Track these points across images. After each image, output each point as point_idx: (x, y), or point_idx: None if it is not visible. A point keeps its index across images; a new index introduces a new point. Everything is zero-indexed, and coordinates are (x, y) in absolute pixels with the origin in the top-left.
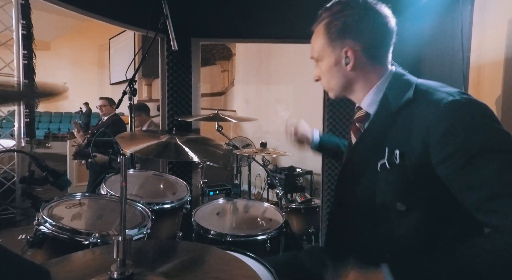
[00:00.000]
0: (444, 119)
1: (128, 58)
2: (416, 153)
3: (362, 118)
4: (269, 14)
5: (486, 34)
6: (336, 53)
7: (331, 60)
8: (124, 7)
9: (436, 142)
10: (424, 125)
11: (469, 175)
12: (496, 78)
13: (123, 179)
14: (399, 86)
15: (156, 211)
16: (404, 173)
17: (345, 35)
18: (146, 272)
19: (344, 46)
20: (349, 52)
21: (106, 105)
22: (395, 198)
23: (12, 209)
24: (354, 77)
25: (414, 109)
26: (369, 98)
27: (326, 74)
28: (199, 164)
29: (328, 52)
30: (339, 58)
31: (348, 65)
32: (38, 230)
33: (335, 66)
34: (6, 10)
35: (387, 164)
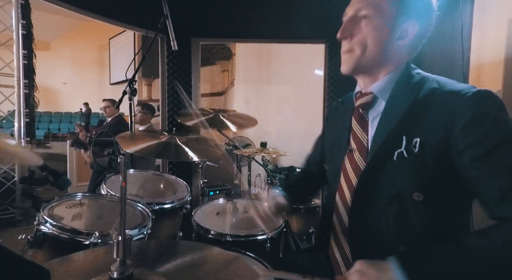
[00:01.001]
0: (470, 108)
1: (128, 58)
2: (436, 142)
3: (367, 104)
4: (269, 14)
5: (486, 34)
6: (399, 21)
7: (389, 23)
8: (124, 7)
9: (461, 130)
10: (447, 114)
11: (491, 164)
12: (496, 78)
13: (123, 179)
14: (416, 76)
15: (156, 211)
16: (422, 162)
17: (416, 9)
18: (146, 272)
19: (409, 19)
20: (411, 28)
21: (110, 106)
22: (412, 188)
23: (12, 209)
24: (394, 54)
25: (436, 98)
26: (384, 82)
27: (370, 35)
28: (199, 164)
29: (392, 14)
30: (397, 27)
31: (401, 40)
32: (38, 230)
33: (388, 33)
34: (6, 10)
35: (405, 153)
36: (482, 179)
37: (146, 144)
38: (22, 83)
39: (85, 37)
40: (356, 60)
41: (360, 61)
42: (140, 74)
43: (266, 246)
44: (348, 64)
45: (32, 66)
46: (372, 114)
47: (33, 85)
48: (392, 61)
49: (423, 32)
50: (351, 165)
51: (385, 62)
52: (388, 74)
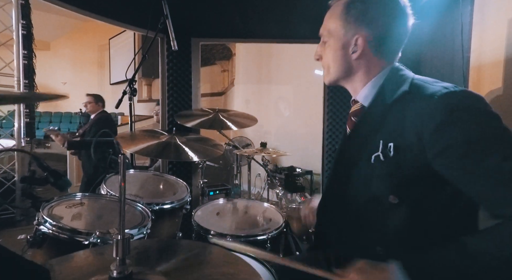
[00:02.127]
0: (438, 111)
1: (128, 58)
2: (410, 146)
3: (358, 112)
4: (269, 14)
5: (486, 34)
6: (347, 37)
7: (339, 43)
8: (124, 7)
9: (431, 135)
10: (418, 118)
11: (472, 165)
12: (496, 78)
13: (122, 179)
14: (396, 79)
15: (156, 211)
16: (397, 166)
17: (363, 22)
18: (146, 271)
19: (357, 32)
20: (359, 40)
21: (91, 102)
22: (388, 191)
23: (12, 209)
24: (356, 67)
25: (409, 102)
26: (366, 91)
27: (329, 56)
28: (199, 164)
29: (339, 34)
30: (347, 43)
31: (354, 53)
32: (38, 230)
33: (340, 50)
34: (6, 10)
35: (381, 157)
36: (465, 180)
37: (146, 144)
38: (22, 83)
39: (85, 37)
40: (327, 76)
41: (331, 78)
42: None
43: (266, 246)
44: (324, 78)
45: (32, 66)
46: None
47: (33, 85)
48: (361, 72)
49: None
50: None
51: (353, 75)
52: (369, 83)
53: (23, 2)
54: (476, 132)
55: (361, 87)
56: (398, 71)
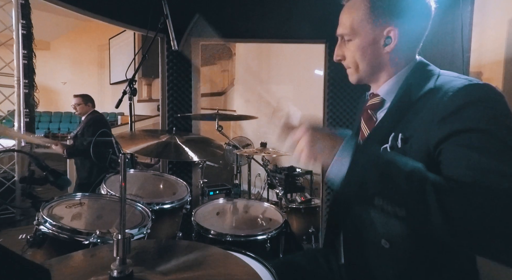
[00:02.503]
0: (451, 102)
1: (128, 58)
2: (418, 136)
3: (376, 105)
4: (269, 14)
5: (486, 34)
6: (377, 31)
7: (369, 38)
8: (124, 7)
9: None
10: (432, 109)
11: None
12: (496, 78)
13: (122, 179)
14: (422, 75)
15: (156, 211)
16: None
17: (391, 14)
18: (146, 271)
19: (387, 25)
20: (392, 33)
21: (80, 103)
22: None
23: (12, 209)
24: (386, 61)
25: (432, 97)
26: (389, 85)
27: (357, 54)
28: (199, 164)
29: (367, 29)
30: (378, 38)
31: (387, 46)
32: (38, 229)
33: (371, 46)
34: (6, 10)
35: (388, 149)
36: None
37: (146, 144)
38: (22, 83)
39: (85, 37)
40: (355, 75)
41: (359, 75)
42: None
43: (266, 246)
44: (351, 78)
45: (32, 66)
46: (380, 115)
47: (33, 85)
48: (389, 66)
49: (411, 29)
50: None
51: (382, 69)
52: (393, 77)
53: (23, 2)
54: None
55: (384, 81)
56: (425, 66)
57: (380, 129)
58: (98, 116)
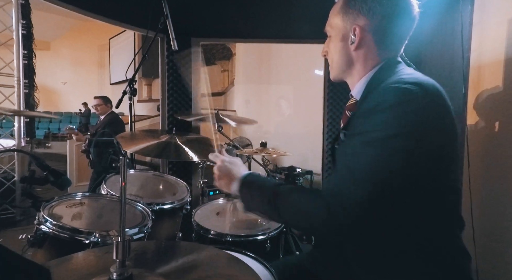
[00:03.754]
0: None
1: (128, 58)
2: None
3: (352, 106)
4: (269, 14)
5: (486, 34)
6: (346, 28)
7: (339, 35)
8: (124, 7)
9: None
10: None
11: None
12: (496, 78)
13: (122, 179)
14: (384, 74)
15: (156, 211)
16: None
17: (361, 11)
18: (146, 273)
19: (355, 23)
20: (357, 30)
21: (101, 104)
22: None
23: (12, 209)
24: (355, 59)
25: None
26: (360, 85)
27: (331, 49)
28: (199, 164)
29: (339, 26)
30: (346, 35)
31: (352, 44)
32: (38, 229)
33: (340, 42)
34: (6, 10)
35: (336, 144)
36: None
37: (146, 144)
38: (22, 83)
39: (85, 37)
40: (332, 71)
41: (335, 72)
42: (140, 74)
43: (266, 246)
44: (330, 74)
45: (32, 66)
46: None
47: (33, 85)
48: (358, 65)
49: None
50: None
51: (353, 68)
52: (363, 77)
53: (23, 2)
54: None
55: (357, 81)
56: (391, 65)
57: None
58: (117, 116)
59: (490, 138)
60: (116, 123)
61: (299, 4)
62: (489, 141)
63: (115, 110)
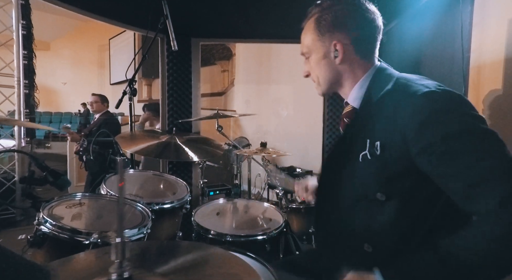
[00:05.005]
0: (419, 110)
1: (128, 58)
2: (395, 144)
3: (349, 113)
4: (269, 14)
5: (486, 34)
6: (326, 46)
7: (320, 54)
8: (124, 7)
9: (414, 133)
10: (401, 116)
11: (448, 165)
12: (496, 78)
13: (120, 180)
14: (381, 79)
15: (156, 211)
16: (384, 164)
17: (335, 28)
18: (145, 273)
19: (333, 39)
20: (338, 45)
21: (98, 101)
22: (375, 189)
23: (12, 209)
24: (342, 71)
25: (393, 101)
26: (354, 92)
27: (315, 69)
28: (199, 164)
29: (318, 46)
30: (328, 52)
31: (337, 58)
32: (38, 230)
33: (323, 60)
34: (6, 10)
35: (368, 155)
36: (443, 179)
37: (146, 144)
38: (22, 83)
39: (85, 37)
40: (319, 88)
41: (322, 88)
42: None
43: (266, 246)
44: (318, 91)
45: (32, 66)
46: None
47: (33, 85)
48: (347, 75)
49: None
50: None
51: (342, 80)
52: (357, 84)
53: (23, 2)
54: (452, 132)
55: (350, 90)
56: (383, 70)
57: (350, 133)
58: (112, 115)
59: None
60: (111, 122)
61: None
62: None
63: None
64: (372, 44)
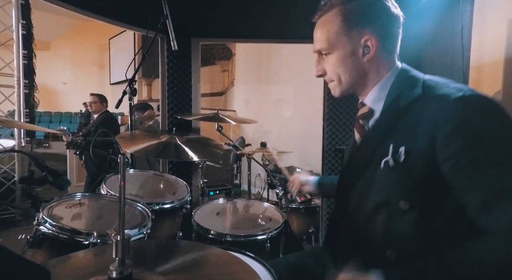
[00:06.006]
0: (453, 115)
1: (128, 58)
2: (422, 150)
3: (366, 115)
4: (269, 14)
5: (486, 34)
6: (354, 42)
7: (347, 50)
8: (124, 7)
9: (444, 138)
10: (432, 121)
11: (472, 175)
12: (496, 78)
13: (121, 179)
14: (407, 82)
15: (156, 211)
16: (408, 171)
17: (364, 23)
18: (145, 272)
19: (363, 34)
20: (369, 41)
21: (96, 102)
22: (398, 197)
23: (12, 209)
24: (368, 70)
25: (423, 105)
26: (375, 93)
27: (338, 67)
28: (199, 164)
29: (343, 41)
30: (356, 48)
31: (366, 55)
32: (38, 230)
33: (350, 57)
34: (6, 10)
35: (391, 161)
36: (463, 190)
37: (146, 144)
38: (22, 83)
39: (85, 37)
40: (338, 87)
41: (343, 88)
42: (140, 74)
43: (266, 246)
44: (334, 91)
45: (32, 66)
46: (372, 124)
47: (33, 85)
48: (372, 74)
49: (387, 35)
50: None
51: (365, 78)
52: (377, 85)
53: (23, 2)
54: (484, 143)
55: (369, 90)
56: (408, 72)
57: (371, 137)
58: (110, 115)
59: None
60: (110, 122)
61: (299, 4)
62: None
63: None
64: (396, 40)
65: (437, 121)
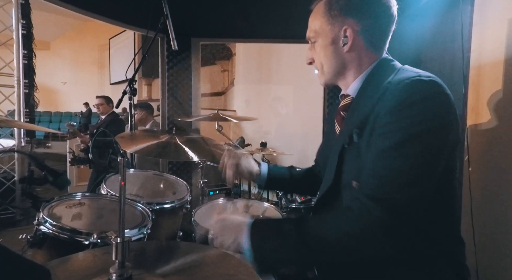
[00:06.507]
0: (398, 94)
1: (128, 58)
2: (369, 130)
3: (347, 106)
4: (269, 14)
5: (486, 34)
6: (335, 31)
7: (328, 39)
8: (124, 7)
9: (381, 117)
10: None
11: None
12: (496, 78)
13: (122, 179)
14: (383, 71)
15: (156, 211)
16: (357, 152)
17: (347, 13)
18: (145, 274)
19: (344, 24)
20: (348, 31)
21: (103, 103)
22: (351, 177)
23: (12, 209)
24: (348, 61)
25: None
26: (356, 85)
27: (320, 55)
28: (199, 164)
29: (326, 30)
30: (337, 38)
31: (345, 45)
32: (38, 230)
33: (331, 46)
34: (6, 10)
35: (347, 143)
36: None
37: (146, 144)
38: (22, 83)
39: (85, 37)
40: (322, 77)
41: (325, 77)
42: (140, 74)
43: None
44: (320, 80)
45: (32, 66)
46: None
47: (33, 85)
48: (353, 65)
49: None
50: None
51: (346, 69)
52: (360, 76)
53: (23, 2)
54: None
55: (352, 81)
56: (388, 62)
57: (346, 127)
58: (117, 115)
59: (490, 138)
60: (117, 123)
61: (299, 4)
62: (489, 141)
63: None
64: (385, 34)
65: (386, 100)
